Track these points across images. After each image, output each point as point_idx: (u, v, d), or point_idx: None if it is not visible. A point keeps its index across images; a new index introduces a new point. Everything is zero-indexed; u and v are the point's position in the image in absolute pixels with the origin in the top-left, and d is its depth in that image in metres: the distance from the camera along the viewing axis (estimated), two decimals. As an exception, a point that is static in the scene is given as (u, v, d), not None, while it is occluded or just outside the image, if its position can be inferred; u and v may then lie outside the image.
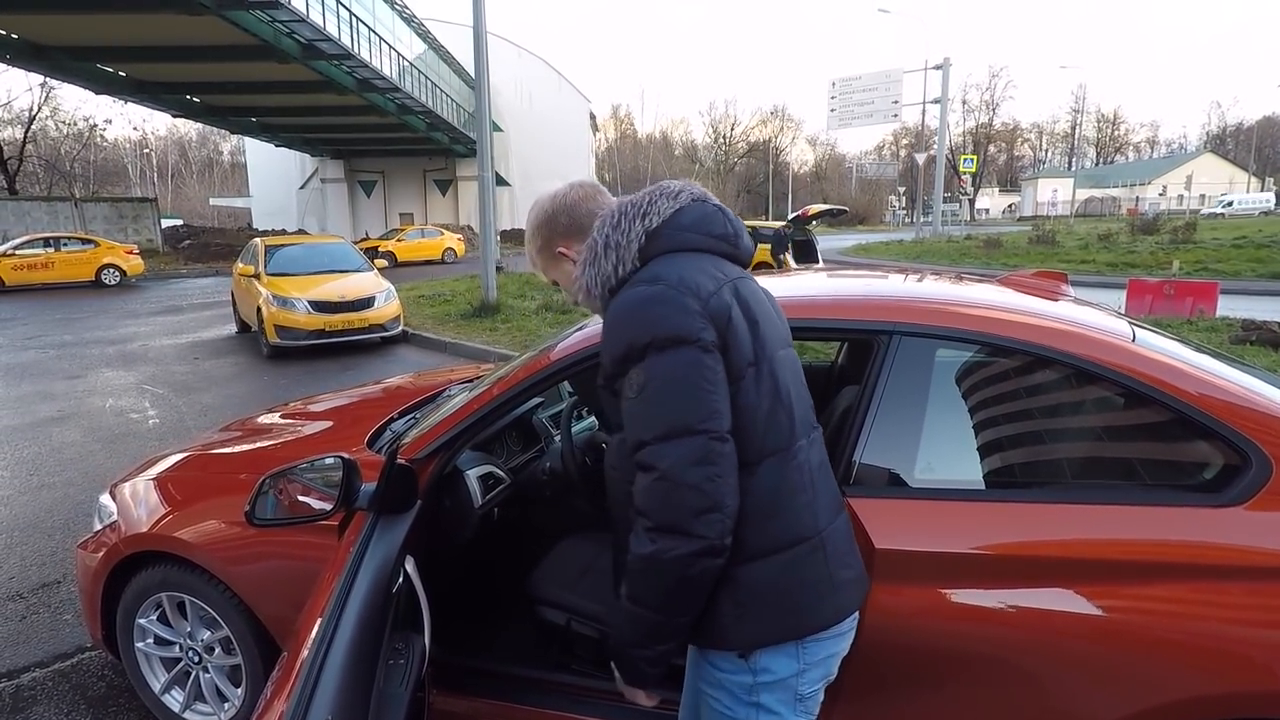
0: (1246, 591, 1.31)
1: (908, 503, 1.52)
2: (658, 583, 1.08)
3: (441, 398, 2.61)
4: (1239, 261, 15.78)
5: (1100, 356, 1.49)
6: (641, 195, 1.25)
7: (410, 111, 26.42)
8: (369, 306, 8.88)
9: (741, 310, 1.15)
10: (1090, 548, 1.40)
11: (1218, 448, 1.41)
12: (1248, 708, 1.30)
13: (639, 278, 1.17)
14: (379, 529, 1.53)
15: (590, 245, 1.22)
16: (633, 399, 1.09)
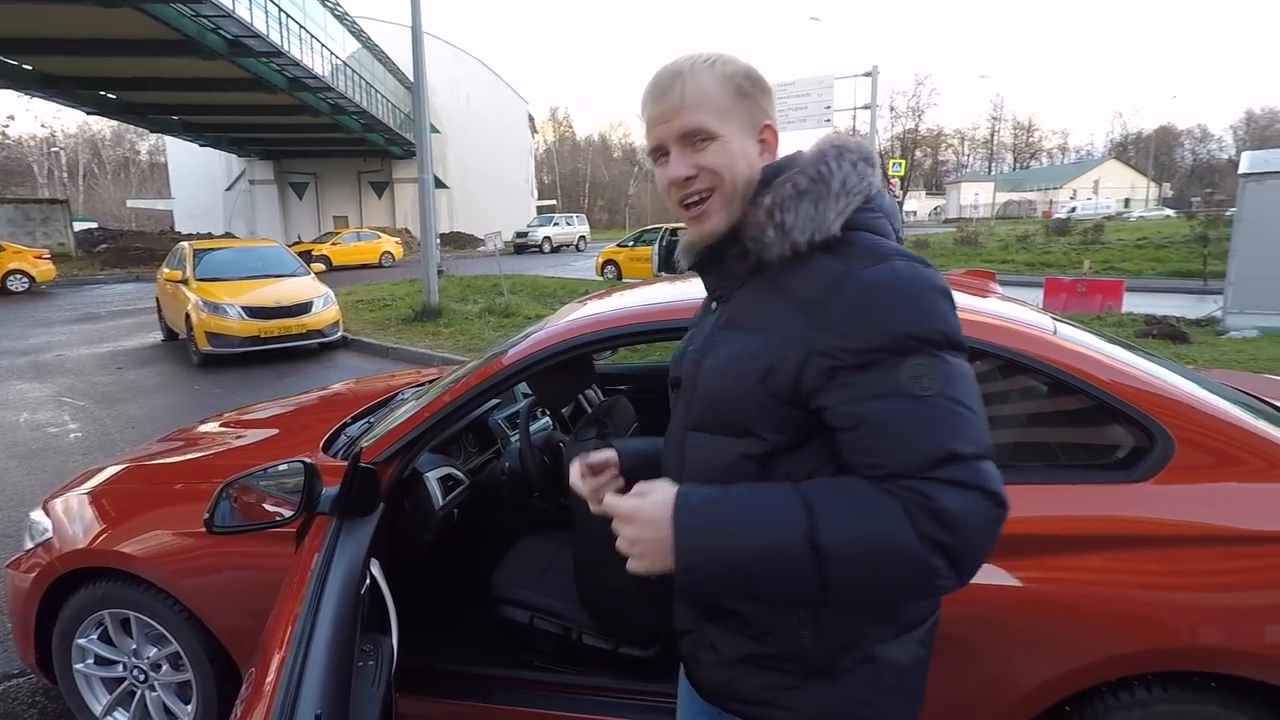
0: (1155, 558, 1.44)
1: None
2: (880, 580, 0.80)
3: (395, 401, 2.60)
4: (1141, 261, 17.01)
5: (1029, 349, 1.61)
6: (856, 143, 0.95)
7: (344, 112, 25.74)
8: (306, 312, 8.64)
9: None
10: (1018, 524, 1.51)
11: (1129, 430, 1.55)
12: (1157, 663, 1.44)
13: (890, 249, 0.87)
14: (344, 532, 1.53)
15: (820, 174, 0.90)
16: (923, 396, 0.80)
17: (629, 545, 0.87)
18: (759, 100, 0.95)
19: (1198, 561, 1.43)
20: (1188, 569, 1.43)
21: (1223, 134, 74.47)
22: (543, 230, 31.96)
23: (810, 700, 0.93)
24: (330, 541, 1.49)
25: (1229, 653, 1.40)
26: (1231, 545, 1.42)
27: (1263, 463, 1.46)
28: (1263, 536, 1.41)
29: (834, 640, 0.91)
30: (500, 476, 2.18)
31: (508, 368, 1.85)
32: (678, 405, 1.04)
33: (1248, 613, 1.40)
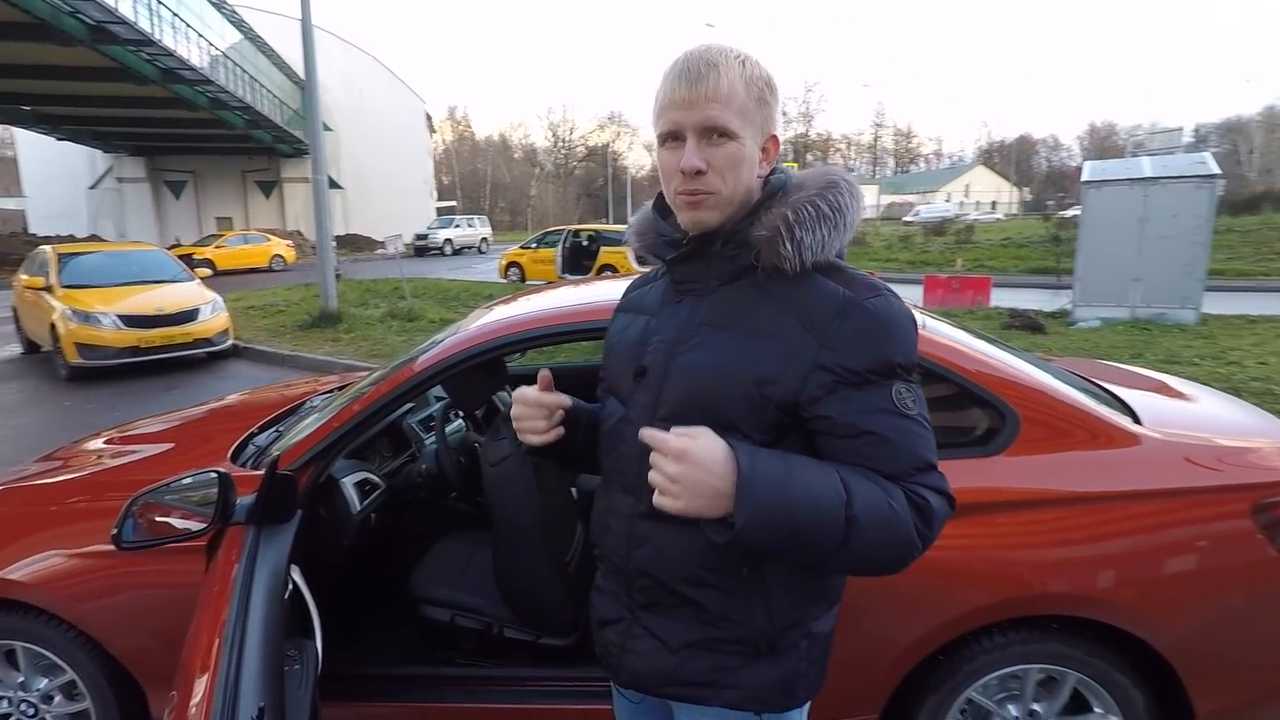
0: (1007, 521, 1.67)
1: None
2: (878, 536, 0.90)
3: (305, 409, 2.57)
4: (1006, 259, 18.63)
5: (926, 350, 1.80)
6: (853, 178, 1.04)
7: (225, 106, 24.17)
8: (192, 319, 8.13)
9: None
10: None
11: (985, 411, 1.78)
12: (1012, 611, 1.67)
13: (878, 283, 0.99)
14: (263, 541, 1.54)
15: (832, 206, 0.97)
16: (910, 416, 0.94)
17: (669, 482, 0.87)
18: (773, 109, 0.99)
19: (1040, 521, 1.67)
20: (1032, 528, 1.67)
21: (1071, 143, 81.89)
22: (444, 232, 31.22)
23: (754, 676, 1.02)
24: (250, 550, 1.50)
25: (1067, 597, 1.65)
26: (1065, 506, 1.67)
27: (1087, 434, 1.72)
28: (1087, 496, 1.67)
29: (783, 621, 1.01)
30: (417, 479, 2.21)
31: (423, 371, 1.89)
32: (640, 392, 1.05)
33: (1080, 563, 1.65)
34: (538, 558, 1.98)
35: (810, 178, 1.02)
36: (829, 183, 1.00)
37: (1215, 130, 62.61)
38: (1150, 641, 1.63)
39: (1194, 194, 9.35)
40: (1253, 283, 14.27)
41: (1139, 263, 9.57)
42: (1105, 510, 1.65)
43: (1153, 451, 1.71)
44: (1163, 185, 9.52)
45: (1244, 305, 10.31)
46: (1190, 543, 1.65)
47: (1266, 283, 14.31)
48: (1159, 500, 1.66)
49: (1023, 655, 1.69)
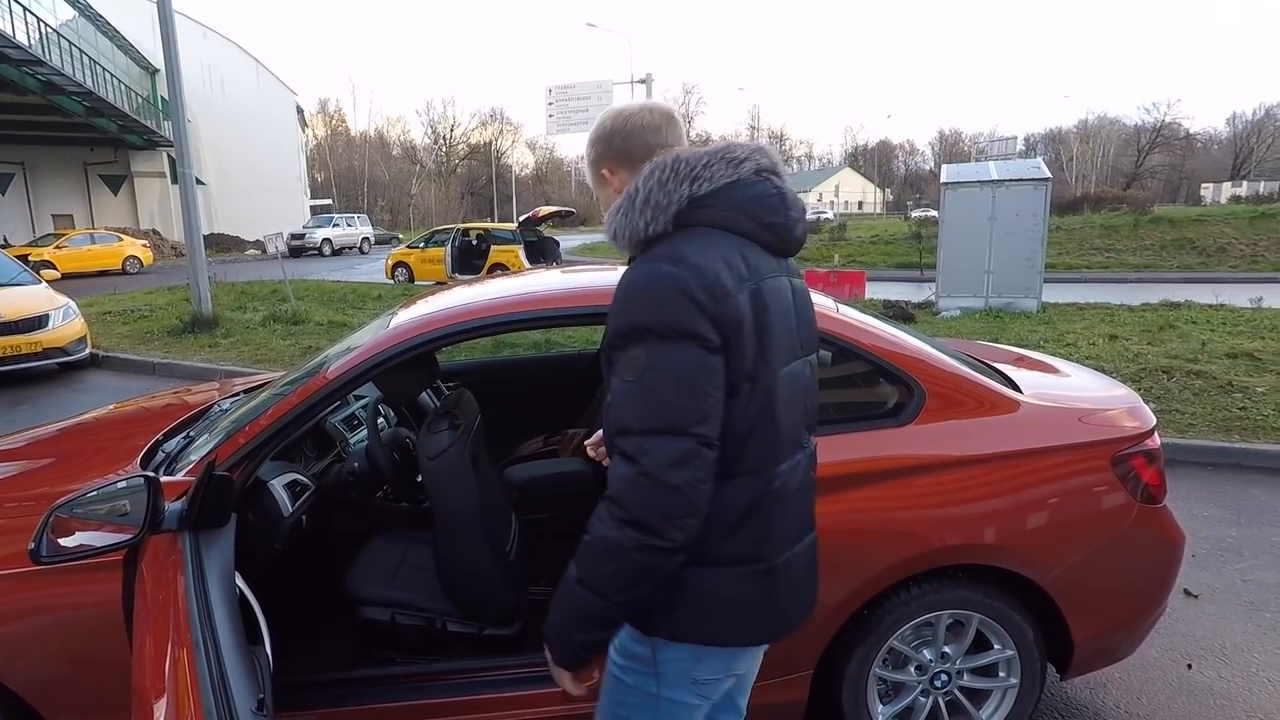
0: (919, 483, 1.87)
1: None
2: (614, 569, 1.04)
3: (213, 413, 2.44)
4: (875, 255, 20.05)
5: (823, 326, 1.96)
6: (700, 154, 1.14)
7: (61, 91, 21.71)
8: (40, 327, 7.29)
9: (755, 319, 1.09)
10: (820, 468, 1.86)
11: (897, 386, 1.97)
12: (926, 563, 1.87)
13: (662, 251, 1.09)
14: (203, 547, 1.48)
15: (629, 194, 1.13)
16: (629, 381, 1.04)
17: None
18: (601, 162, 1.26)
19: (944, 482, 1.87)
20: (938, 489, 1.87)
21: (925, 148, 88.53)
22: (321, 231, 29.54)
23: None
24: (193, 558, 1.43)
25: (970, 548, 1.87)
26: (964, 467, 1.89)
27: (979, 403, 1.95)
28: (981, 458, 1.89)
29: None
30: (348, 478, 2.16)
31: (357, 366, 1.86)
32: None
33: (979, 517, 1.87)
34: (479, 548, 2.00)
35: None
36: (642, 173, 1.15)
37: (1041, 140, 69.60)
38: (1038, 581, 1.88)
39: (1032, 195, 10.44)
40: (1077, 275, 16.13)
41: (990, 257, 10.58)
42: (996, 469, 1.89)
43: (1030, 415, 1.96)
44: (1006, 187, 10.56)
45: (1072, 295, 11.63)
46: (1064, 493, 1.91)
47: (1088, 274, 16.25)
48: (1037, 458, 1.91)
49: (935, 603, 1.90)
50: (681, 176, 1.12)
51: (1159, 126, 57.21)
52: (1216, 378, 5.69)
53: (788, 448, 1.19)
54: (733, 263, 1.09)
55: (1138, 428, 1.98)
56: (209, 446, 1.88)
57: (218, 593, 1.36)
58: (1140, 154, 57.74)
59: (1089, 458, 1.92)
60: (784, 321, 1.17)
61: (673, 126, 1.23)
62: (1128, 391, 2.21)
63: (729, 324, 1.05)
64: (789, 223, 1.19)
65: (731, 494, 1.11)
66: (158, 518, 1.50)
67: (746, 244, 1.14)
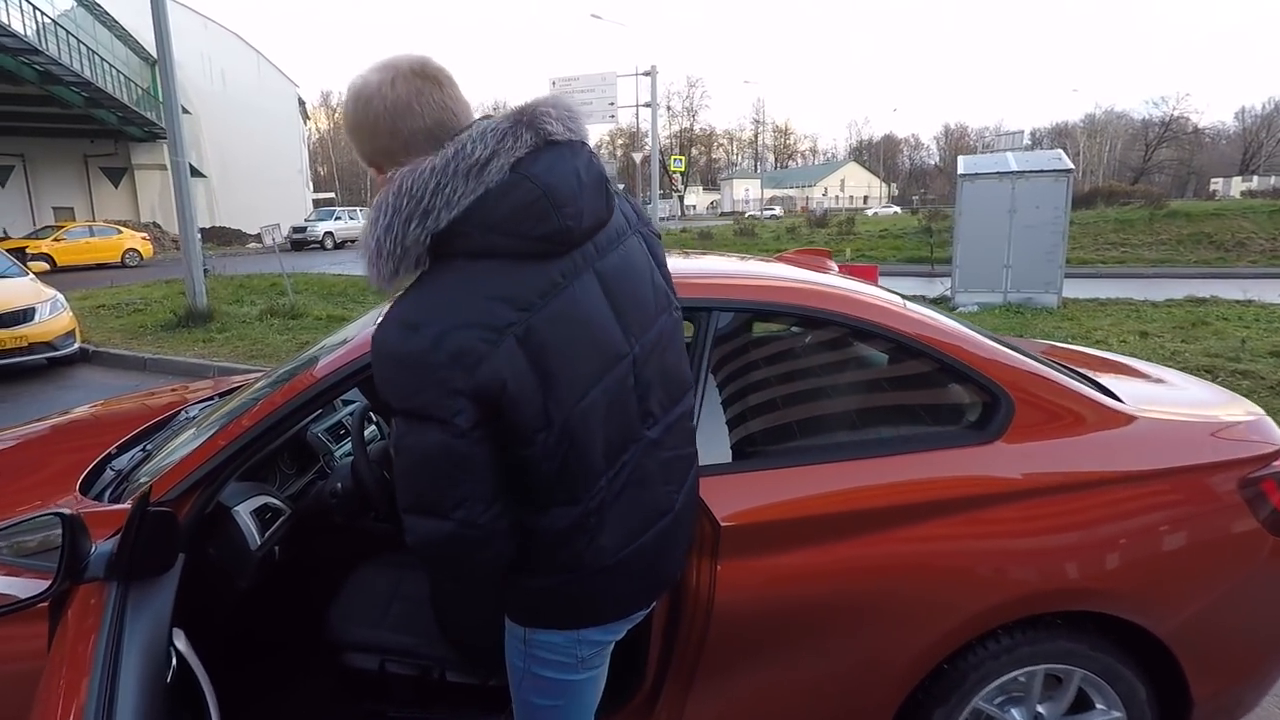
0: (1011, 514, 1.55)
1: (743, 476, 1.57)
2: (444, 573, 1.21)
3: (179, 422, 2.13)
4: (885, 249, 19.76)
5: (904, 328, 1.65)
6: (425, 173, 0.92)
7: (59, 81, 21.41)
8: (26, 321, 7.00)
9: (532, 363, 0.95)
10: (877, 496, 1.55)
11: (978, 395, 1.65)
12: (1021, 609, 1.55)
13: (402, 309, 0.95)
14: (132, 601, 1.17)
15: (364, 241, 0.95)
16: (394, 452, 1.00)
17: None
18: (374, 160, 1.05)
19: (1044, 513, 1.55)
20: (1037, 521, 1.55)
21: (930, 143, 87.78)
22: (323, 225, 29.18)
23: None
24: (113, 616, 1.12)
25: (1075, 592, 1.55)
26: (1069, 493, 1.57)
27: (1074, 416, 1.63)
28: (1079, 483, 1.56)
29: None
30: (330, 500, 1.85)
31: (336, 371, 1.55)
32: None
33: (1086, 554, 1.55)
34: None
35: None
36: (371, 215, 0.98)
37: (1047, 134, 68.97)
38: (1153, 630, 1.56)
39: (1053, 186, 10.07)
40: (1092, 269, 15.74)
41: (1009, 251, 10.23)
42: (1104, 496, 1.56)
43: (1146, 431, 1.64)
44: (1026, 179, 10.19)
45: (1090, 290, 11.26)
46: (1186, 524, 1.59)
47: (1103, 269, 15.86)
48: (1155, 482, 1.59)
49: (1029, 657, 1.58)
50: (407, 215, 0.92)
51: (1167, 121, 56.56)
52: (1265, 377, 5.35)
53: (615, 453, 1.08)
54: (491, 309, 0.94)
55: (1269, 446, 1.66)
56: (158, 466, 1.57)
57: (132, 668, 1.06)
58: (1148, 148, 57.11)
59: (1216, 482, 1.59)
60: (587, 333, 1.02)
61: (432, 91, 0.98)
62: (1248, 403, 1.88)
63: (487, 393, 0.93)
64: (564, 224, 0.98)
65: (553, 518, 1.06)
66: (77, 565, 1.19)
67: (514, 266, 0.96)
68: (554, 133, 0.99)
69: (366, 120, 0.98)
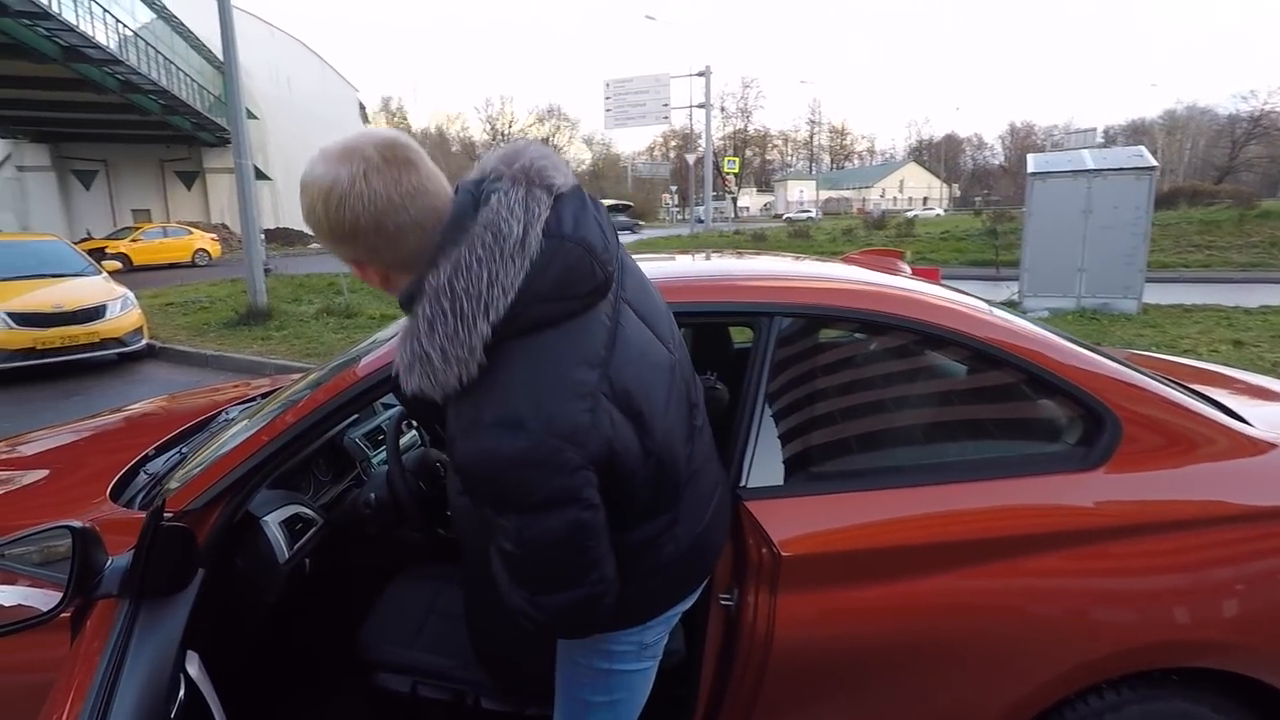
0: (1119, 552, 1.35)
1: (807, 500, 1.41)
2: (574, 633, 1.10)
3: (218, 423, 2.08)
4: (946, 252, 19.10)
5: (993, 336, 1.47)
6: (473, 261, 0.87)
7: (138, 90, 22.48)
8: (98, 317, 7.28)
9: (624, 411, 0.96)
10: (976, 526, 1.37)
11: (1079, 415, 1.45)
12: (1130, 663, 1.35)
13: (491, 419, 0.89)
14: (141, 622, 1.09)
15: (416, 353, 0.89)
16: (508, 548, 0.95)
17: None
18: (364, 265, 0.99)
19: (1150, 553, 1.35)
20: (1142, 562, 1.34)
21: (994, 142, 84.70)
22: (381, 226, 29.97)
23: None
24: (118, 638, 1.04)
25: (1196, 645, 1.34)
26: (1178, 531, 1.35)
27: (1190, 440, 1.41)
28: (1203, 519, 1.35)
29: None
30: (364, 511, 1.76)
31: (371, 375, 1.46)
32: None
33: (1209, 601, 1.34)
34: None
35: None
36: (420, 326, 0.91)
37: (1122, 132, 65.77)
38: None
39: (1134, 185, 9.50)
40: (1174, 274, 14.83)
41: (1083, 253, 9.69)
42: (1234, 534, 1.35)
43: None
44: (1104, 177, 9.63)
45: (1172, 295, 10.56)
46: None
47: (1186, 273, 14.92)
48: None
49: (1140, 717, 1.37)
50: (471, 315, 0.87)
51: (1257, 116, 53.25)
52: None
53: (687, 455, 1.13)
54: (576, 378, 0.92)
55: None
56: (186, 474, 1.50)
57: (137, 688, 0.97)
58: (1235, 145, 53.90)
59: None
60: (647, 361, 1.04)
61: (409, 176, 0.90)
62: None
63: (600, 458, 0.93)
64: (607, 273, 0.97)
65: (639, 534, 1.08)
66: (89, 579, 1.11)
67: (573, 326, 0.94)
68: (561, 186, 0.96)
69: (344, 225, 0.89)
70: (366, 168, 0.88)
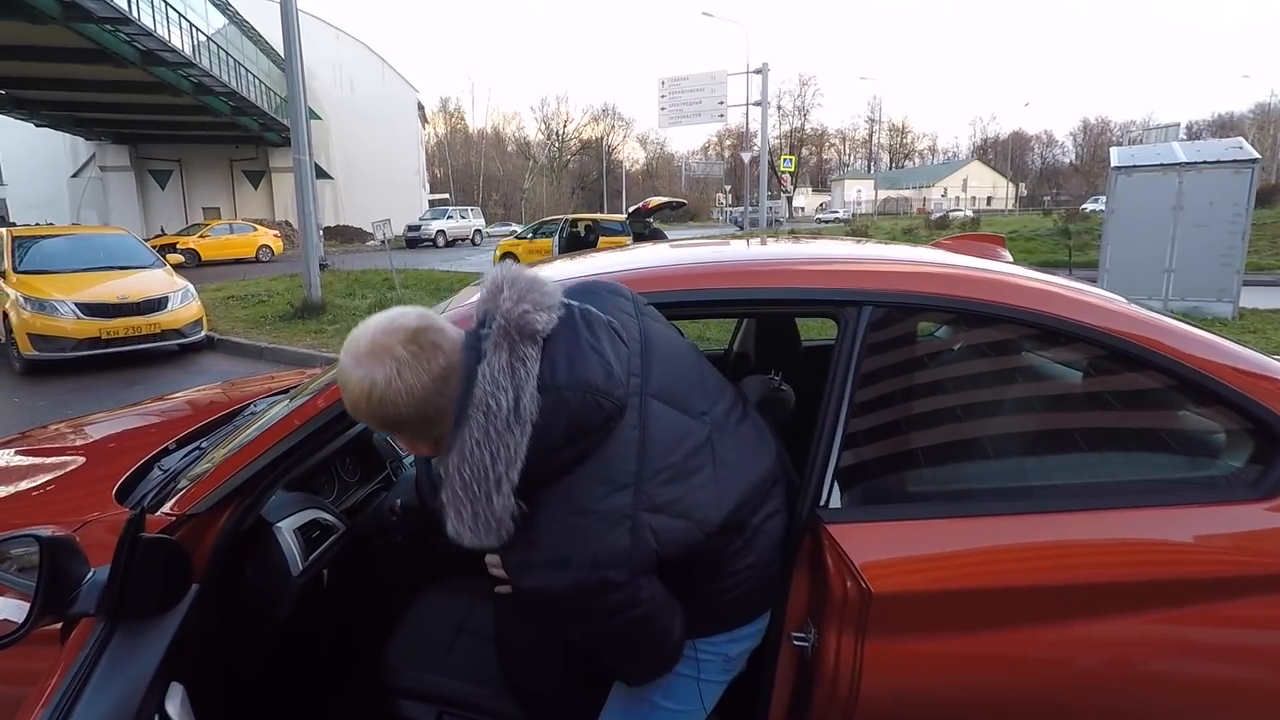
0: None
1: (903, 527, 1.17)
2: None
3: (244, 417, 1.95)
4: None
5: (1136, 333, 1.21)
6: (470, 446, 0.90)
7: (210, 92, 23.34)
8: (160, 309, 7.45)
9: (669, 513, 1.00)
10: (1121, 566, 1.11)
11: (1247, 430, 1.17)
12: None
13: (541, 561, 0.94)
14: (113, 647, 0.92)
15: (455, 529, 0.93)
16: (580, 642, 1.09)
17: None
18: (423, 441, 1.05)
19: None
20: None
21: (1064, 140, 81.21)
22: (436, 224, 30.48)
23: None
24: (81, 666, 0.88)
25: None
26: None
27: None
28: None
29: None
30: (390, 517, 1.59)
31: None
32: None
33: None
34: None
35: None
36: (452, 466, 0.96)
37: (1207, 127, 62.24)
38: None
39: (1232, 180, 8.80)
40: (1271, 276, 13.76)
41: (1171, 253, 9.04)
42: None
43: None
44: (1198, 171, 8.95)
45: (1273, 299, 9.75)
46: None
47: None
48: None
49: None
50: (485, 495, 0.91)
51: (1357, 109, 49.66)
52: None
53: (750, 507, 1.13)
54: (613, 505, 0.95)
55: None
56: (196, 473, 1.35)
57: None
58: (1332, 141, 50.40)
59: None
60: (683, 448, 1.04)
61: (434, 357, 0.93)
62: None
63: (649, 562, 0.99)
64: (616, 396, 0.96)
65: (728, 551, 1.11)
66: (60, 596, 0.95)
67: (595, 456, 0.97)
68: (545, 328, 0.95)
69: (388, 418, 0.94)
70: (399, 366, 0.91)
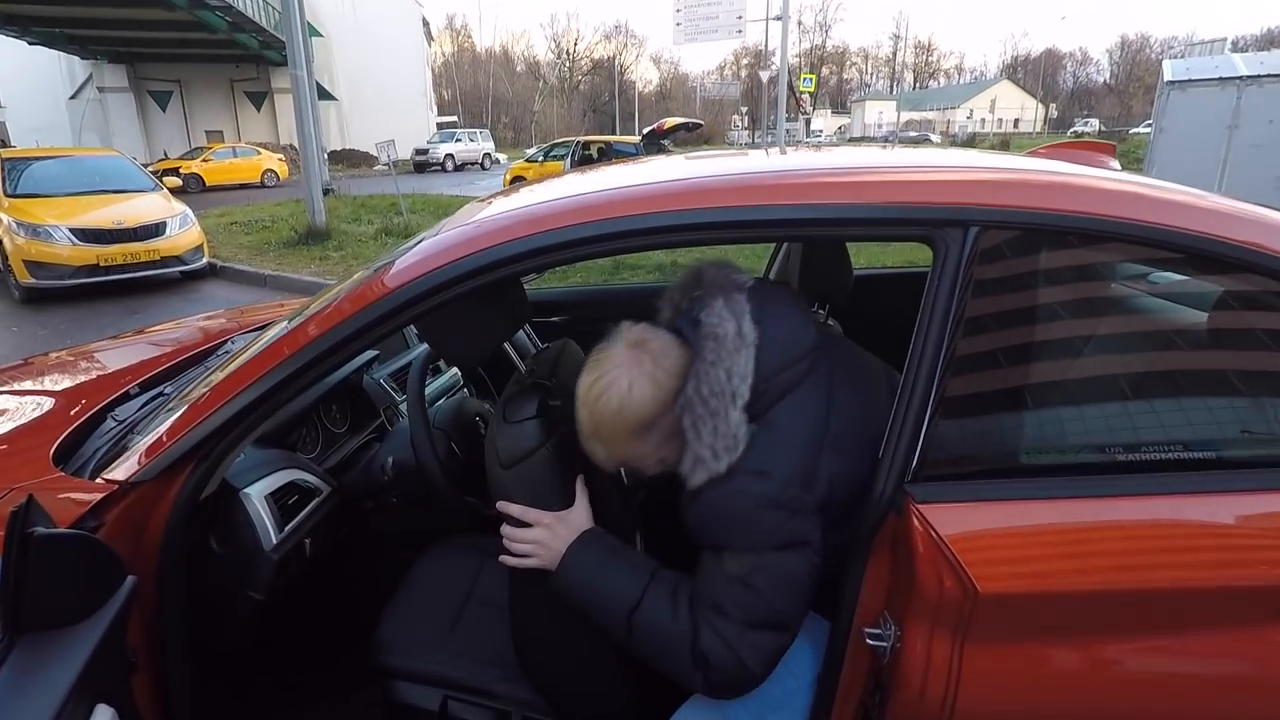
0: None
1: (1019, 508, 0.92)
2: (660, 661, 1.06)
3: (219, 355, 1.71)
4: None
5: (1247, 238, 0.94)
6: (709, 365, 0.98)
7: (205, 6, 22.31)
8: (158, 235, 7.17)
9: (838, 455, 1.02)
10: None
11: None
12: None
13: (744, 465, 0.98)
14: (8, 669, 0.71)
15: (694, 456, 0.98)
16: (733, 575, 0.98)
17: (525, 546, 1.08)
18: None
19: None
20: None
21: (1100, 57, 77.13)
22: (444, 147, 29.62)
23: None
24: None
25: None
26: None
27: None
28: None
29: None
30: (382, 476, 1.37)
31: (389, 296, 1.04)
32: None
33: None
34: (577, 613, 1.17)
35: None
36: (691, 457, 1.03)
37: (1255, 43, 58.70)
38: None
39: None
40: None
41: (1222, 176, 8.50)
42: None
43: None
44: (1260, 85, 8.30)
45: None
46: None
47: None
48: None
49: None
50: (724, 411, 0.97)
51: None
52: None
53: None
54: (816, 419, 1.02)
55: None
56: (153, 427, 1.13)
57: None
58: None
59: None
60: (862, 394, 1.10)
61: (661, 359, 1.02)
62: None
63: (823, 500, 1.00)
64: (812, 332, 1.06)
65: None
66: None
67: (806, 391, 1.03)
68: (746, 280, 1.07)
69: (625, 427, 1.00)
70: (630, 380, 0.99)
